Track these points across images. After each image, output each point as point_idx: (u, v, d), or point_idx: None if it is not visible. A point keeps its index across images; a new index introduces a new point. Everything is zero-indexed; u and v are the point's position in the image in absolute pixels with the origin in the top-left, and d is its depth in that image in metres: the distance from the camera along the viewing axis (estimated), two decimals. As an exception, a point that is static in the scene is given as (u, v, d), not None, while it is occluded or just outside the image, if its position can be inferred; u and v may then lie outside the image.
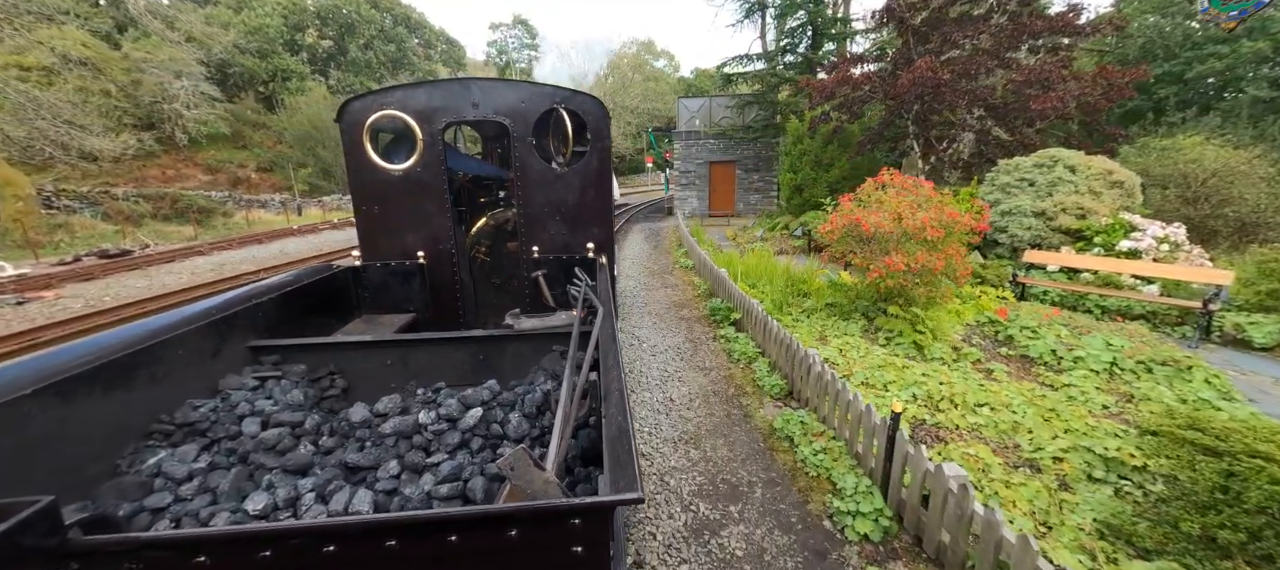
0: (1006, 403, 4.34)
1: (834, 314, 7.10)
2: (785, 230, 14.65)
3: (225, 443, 2.04)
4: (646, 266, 12.46)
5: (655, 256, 13.77)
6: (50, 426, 1.71)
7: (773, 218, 16.37)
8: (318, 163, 33.37)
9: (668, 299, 9.35)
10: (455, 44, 56.89)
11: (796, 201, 14.82)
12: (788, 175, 15.02)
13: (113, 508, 1.63)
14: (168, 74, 32.62)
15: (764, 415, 4.85)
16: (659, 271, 11.84)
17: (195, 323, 2.42)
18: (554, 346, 2.87)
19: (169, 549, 1.10)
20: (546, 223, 4.29)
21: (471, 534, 1.12)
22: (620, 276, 10.94)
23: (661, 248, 15.17)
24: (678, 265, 12.25)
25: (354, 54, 45.26)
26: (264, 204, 27.58)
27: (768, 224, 15.82)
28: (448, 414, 2.16)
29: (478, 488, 1.74)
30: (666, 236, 17.55)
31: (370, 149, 3.97)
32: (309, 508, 1.68)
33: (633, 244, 16.23)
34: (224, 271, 13.01)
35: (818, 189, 14.33)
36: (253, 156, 36.98)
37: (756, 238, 14.85)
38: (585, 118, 4.28)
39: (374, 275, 4.13)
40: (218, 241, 17.17)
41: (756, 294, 7.87)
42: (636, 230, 19.81)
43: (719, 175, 23.20)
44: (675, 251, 14.10)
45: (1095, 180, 8.68)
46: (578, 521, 1.13)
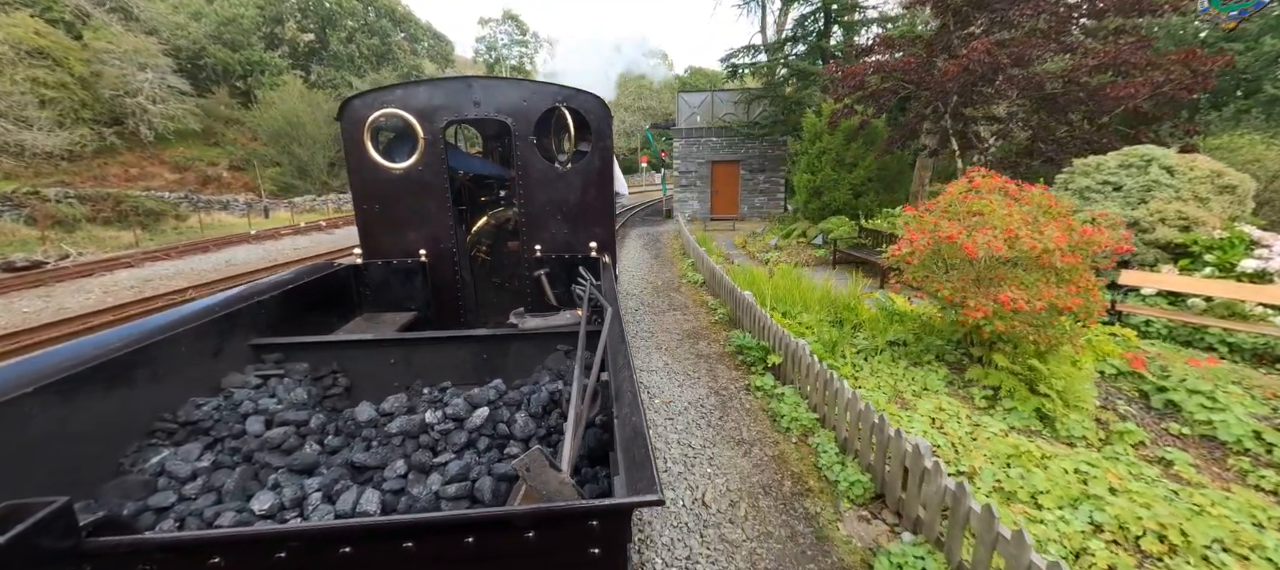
0: (1256, 542, 2.71)
1: (899, 356, 5.48)
2: (803, 238, 13.05)
3: (229, 441, 2.01)
4: (649, 280, 10.81)
5: (657, 268, 12.12)
6: (52, 426, 1.69)
7: (786, 224, 14.77)
8: (292, 161, 31.42)
9: (678, 326, 7.69)
10: (443, 39, 54.95)
11: (815, 205, 13.22)
12: (805, 176, 13.42)
13: (117, 507, 1.60)
14: (131, 66, 30.56)
15: (848, 538, 3.21)
16: (664, 287, 10.18)
17: (197, 321, 2.38)
18: (558, 346, 2.82)
19: (181, 551, 1.08)
20: (548, 222, 4.21)
21: (488, 536, 1.10)
22: (620, 293, 9.32)
23: (663, 257, 13.53)
24: (685, 280, 10.60)
25: (335, 47, 43.25)
26: (226, 206, 25.58)
27: (782, 230, 14.21)
28: (454, 413, 2.11)
29: (485, 487, 1.71)
30: (667, 243, 15.90)
31: (371, 147, 3.91)
32: (315, 507, 1.65)
33: (630, 252, 14.57)
34: (146, 290, 11.17)
35: (840, 191, 12.74)
36: (225, 154, 34.93)
37: (770, 247, 13.24)
38: (587, 116, 4.18)
39: (375, 273, 4.09)
40: (156, 251, 15.20)
41: (794, 327, 6.23)
42: (634, 237, 18.14)
43: (722, 176, 21.59)
44: (680, 262, 12.46)
45: (1201, 184, 7.13)
46: (596, 523, 1.10)
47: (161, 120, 31.68)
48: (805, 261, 11.78)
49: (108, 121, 30.60)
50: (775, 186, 21.31)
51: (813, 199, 13.29)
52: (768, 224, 16.83)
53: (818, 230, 12.81)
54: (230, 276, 12.07)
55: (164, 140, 32.86)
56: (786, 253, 12.44)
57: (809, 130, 13.77)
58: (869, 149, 12.75)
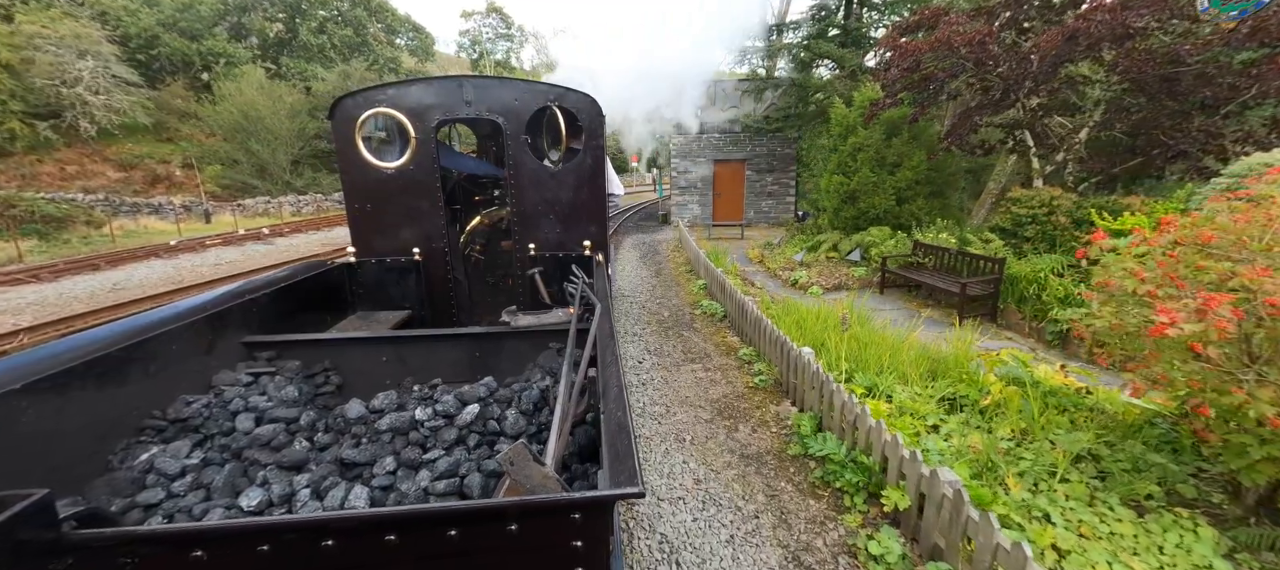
0: None
1: (1103, 486, 3.21)
2: (834, 253, 10.79)
3: (218, 439, 2.01)
4: (652, 310, 8.47)
5: (660, 290, 9.79)
6: (41, 422, 1.67)
7: (808, 234, 12.50)
8: (250, 158, 28.62)
9: (702, 392, 5.37)
10: (423, 31, 52.18)
11: (849, 213, 10.98)
12: (835, 179, 11.17)
13: (105, 503, 1.60)
14: (69, 53, 27.57)
15: None
16: (672, 321, 7.85)
17: (188, 318, 2.36)
18: (551, 344, 2.82)
19: (166, 543, 1.07)
20: (541, 221, 4.22)
21: (471, 528, 1.10)
22: (621, 333, 7.02)
23: (666, 275, 11.20)
24: (699, 311, 8.27)
25: (304, 38, 40.37)
26: (157, 209, 22.72)
27: (805, 242, 11.96)
28: (444, 410, 2.12)
29: (475, 484, 1.72)
30: (668, 256, 13.57)
31: (362, 146, 3.91)
32: (304, 504, 1.65)
33: (626, 266, 12.23)
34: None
35: (880, 197, 10.50)
36: (178, 151, 32.00)
37: (795, 263, 10.97)
38: (579, 115, 4.19)
39: (369, 272, 4.08)
40: (32, 268, 12.38)
41: (903, 424, 3.93)
42: (629, 247, 15.79)
43: (726, 177, 19.34)
44: (688, 283, 10.13)
45: None
46: (578, 516, 1.11)
47: (104, 113, 28.72)
48: (841, 282, 9.52)
49: (43, 114, 27.61)
50: (785, 189, 19.09)
51: (846, 205, 11.04)
52: (785, 233, 14.57)
53: (854, 244, 10.56)
54: (100, 309, 9.29)
55: (108, 135, 29.87)
56: (817, 271, 10.18)
57: (838, 124, 11.53)
58: (914, 146, 10.53)
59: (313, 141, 31.23)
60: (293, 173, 29.87)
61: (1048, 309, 6.50)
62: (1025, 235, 7.83)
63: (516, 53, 64.01)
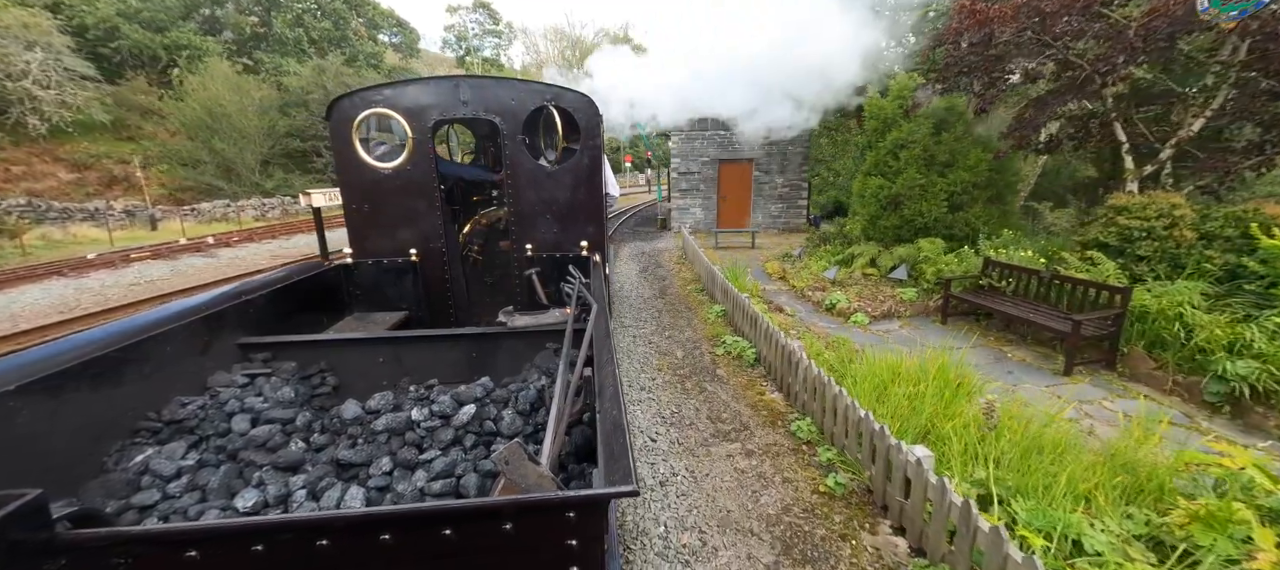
0: None
1: None
2: (873, 270, 9.07)
3: (214, 440, 2.00)
4: (661, 349, 6.69)
5: (668, 316, 8.01)
6: (35, 423, 1.66)
7: (838, 246, 10.78)
8: (214, 158, 26.50)
9: (753, 504, 3.58)
10: (407, 26, 50.11)
11: (890, 221, 9.26)
12: (873, 181, 9.45)
13: (100, 504, 1.59)
14: (15, 44, 25.33)
15: None
16: (690, 369, 6.07)
17: (183, 320, 2.35)
18: (548, 344, 2.80)
19: (159, 543, 1.06)
20: (538, 221, 4.18)
21: (466, 527, 1.09)
22: (630, 398, 5.39)
23: (672, 295, 9.42)
24: (722, 350, 6.49)
25: (279, 30, 38.21)
26: (93, 214, 20.55)
27: (834, 255, 10.24)
28: (441, 411, 2.11)
29: (471, 484, 1.71)
30: (672, 269, 11.80)
31: (359, 147, 3.88)
32: (300, 505, 1.65)
33: (625, 281, 10.45)
34: None
35: (930, 202, 8.78)
36: (139, 150, 29.76)
37: (826, 280, 9.23)
38: (576, 115, 4.12)
39: (365, 273, 4.03)
40: None
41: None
42: (626, 255, 14.01)
43: (730, 178, 17.60)
44: (703, 308, 8.36)
45: None
46: (572, 514, 1.10)
47: (55, 109, 26.51)
48: (890, 308, 7.79)
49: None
50: (796, 191, 17.39)
51: (885, 212, 9.31)
52: (804, 242, 12.83)
53: (897, 259, 8.84)
54: None
55: (62, 133, 27.66)
56: (855, 292, 8.46)
57: (873, 116, 9.81)
58: (968, 142, 8.83)
59: (284, 140, 29.13)
60: (262, 173, 27.77)
61: (1204, 358, 4.79)
62: (1138, 253, 6.14)
63: (504, 49, 62.00)
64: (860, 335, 7.03)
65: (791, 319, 7.71)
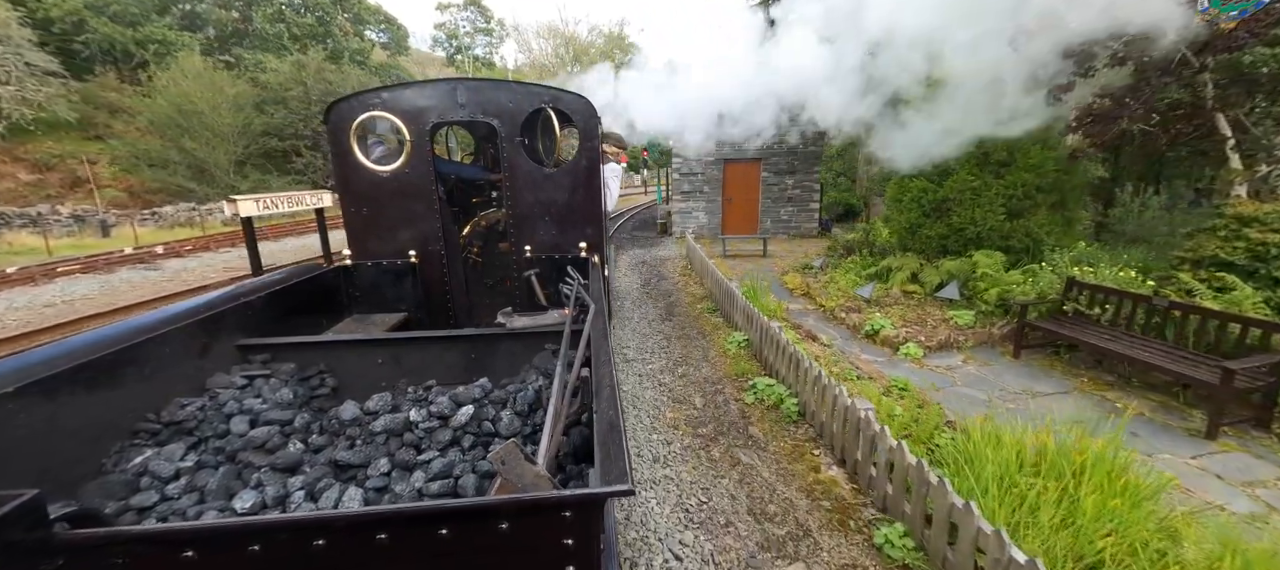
0: None
1: None
2: (915, 287, 7.77)
3: (213, 441, 2.01)
4: (675, 393, 5.36)
5: (679, 344, 6.69)
6: (33, 425, 1.66)
7: (866, 256, 9.49)
8: (185, 158, 24.94)
9: None
10: (394, 23, 48.59)
11: (935, 230, 7.97)
12: (915, 184, 8.16)
13: (98, 506, 1.59)
14: (-31, 36, 23.69)
15: None
16: (714, 427, 4.73)
17: (182, 321, 2.36)
18: (546, 345, 2.79)
19: (157, 543, 1.06)
20: (537, 223, 4.18)
21: (462, 527, 1.08)
22: (638, 456, 4.00)
23: (681, 314, 8.08)
24: (752, 397, 5.14)
25: (260, 25, 36.63)
26: (35, 220, 18.90)
27: (864, 268, 8.94)
28: (439, 412, 2.11)
29: (469, 485, 1.71)
30: (678, 282, 10.47)
31: (357, 150, 3.91)
32: (298, 505, 1.66)
33: (626, 300, 9.11)
34: None
35: (985, 209, 7.49)
36: (107, 150, 28.13)
37: (861, 299, 7.92)
38: (573, 117, 4.16)
39: (365, 274, 4.04)
40: None
41: None
42: (625, 265, 12.67)
43: (737, 179, 16.31)
44: (719, 336, 7.03)
45: None
46: (568, 514, 1.09)
47: (14, 107, 24.86)
48: (947, 338, 6.49)
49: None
50: (808, 193, 16.12)
51: (929, 219, 8.02)
52: (824, 251, 11.52)
53: (945, 274, 7.55)
54: None
55: (23, 131, 25.99)
56: (897, 315, 7.17)
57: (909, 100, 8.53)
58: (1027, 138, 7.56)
59: (261, 139, 27.57)
60: (237, 174, 26.20)
61: None
62: (1275, 275, 4.88)
63: (496, 48, 60.53)
64: (917, 373, 5.73)
65: (828, 349, 6.40)
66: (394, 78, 42.54)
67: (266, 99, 28.23)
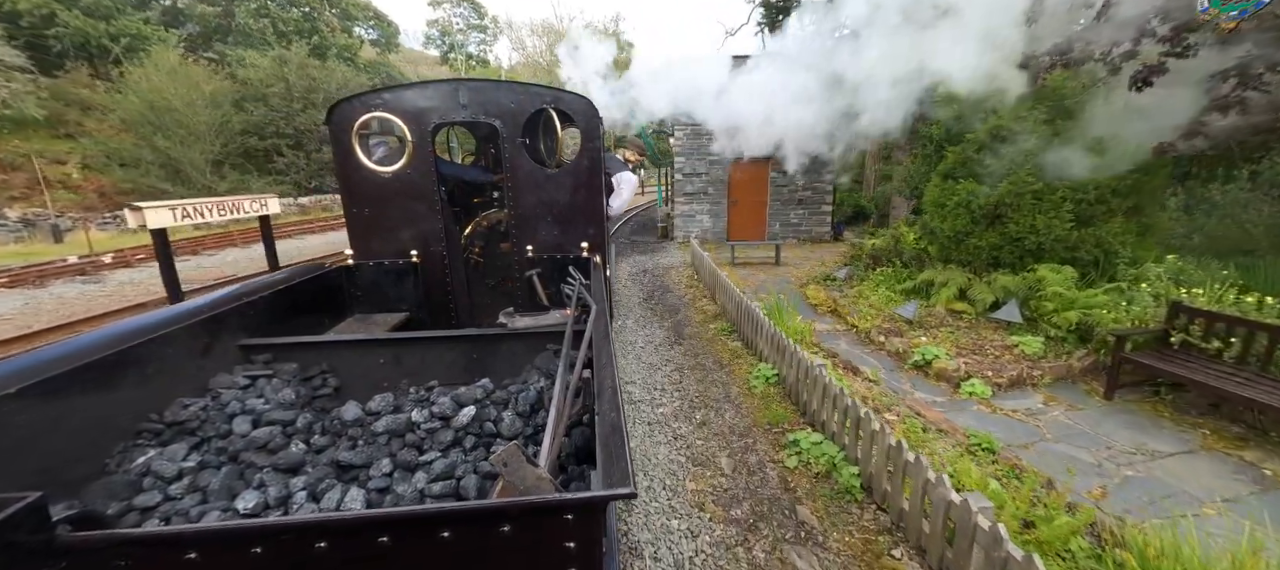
0: None
1: None
2: (964, 306, 6.70)
3: (215, 441, 1.98)
4: (695, 450, 4.25)
5: (694, 377, 5.57)
6: (36, 426, 1.64)
7: (899, 268, 8.41)
8: (158, 157, 23.64)
9: None
10: (384, 19, 47.31)
11: (986, 240, 6.89)
12: (963, 186, 7.08)
13: (101, 506, 1.58)
14: (-73, 28, 22.32)
15: None
16: (749, 506, 3.60)
17: (185, 321, 2.33)
18: (548, 345, 2.76)
19: (159, 545, 1.06)
20: (539, 223, 4.17)
21: (464, 530, 1.08)
22: None
23: (691, 334, 6.97)
24: (800, 464, 4.02)
25: (243, 21, 35.28)
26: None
27: (897, 281, 7.87)
28: (441, 412, 2.08)
29: (471, 486, 1.69)
30: (683, 294, 9.36)
31: (359, 150, 3.90)
32: (300, 506, 1.63)
33: (628, 318, 7.99)
34: None
35: (1049, 215, 6.42)
36: (78, 148, 26.76)
37: (903, 319, 6.84)
38: (575, 117, 4.11)
39: (366, 274, 4.03)
40: None
41: None
42: (625, 274, 11.54)
43: (744, 180, 15.22)
44: (738, 365, 5.91)
45: None
46: (571, 517, 1.08)
47: (-25, 103, 23.48)
48: (1020, 373, 5.40)
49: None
50: (820, 195, 15.06)
51: (979, 227, 6.95)
52: (846, 261, 10.45)
53: (1001, 291, 6.47)
54: None
55: (-14, 130, 24.61)
56: (950, 341, 6.09)
57: (953, 99, 7.46)
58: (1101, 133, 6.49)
59: (240, 137, 26.28)
60: (214, 174, 24.91)
61: None
62: None
63: (490, 45, 59.28)
64: (991, 421, 4.65)
65: (875, 385, 5.31)
66: (383, 75, 41.26)
67: (246, 96, 26.94)
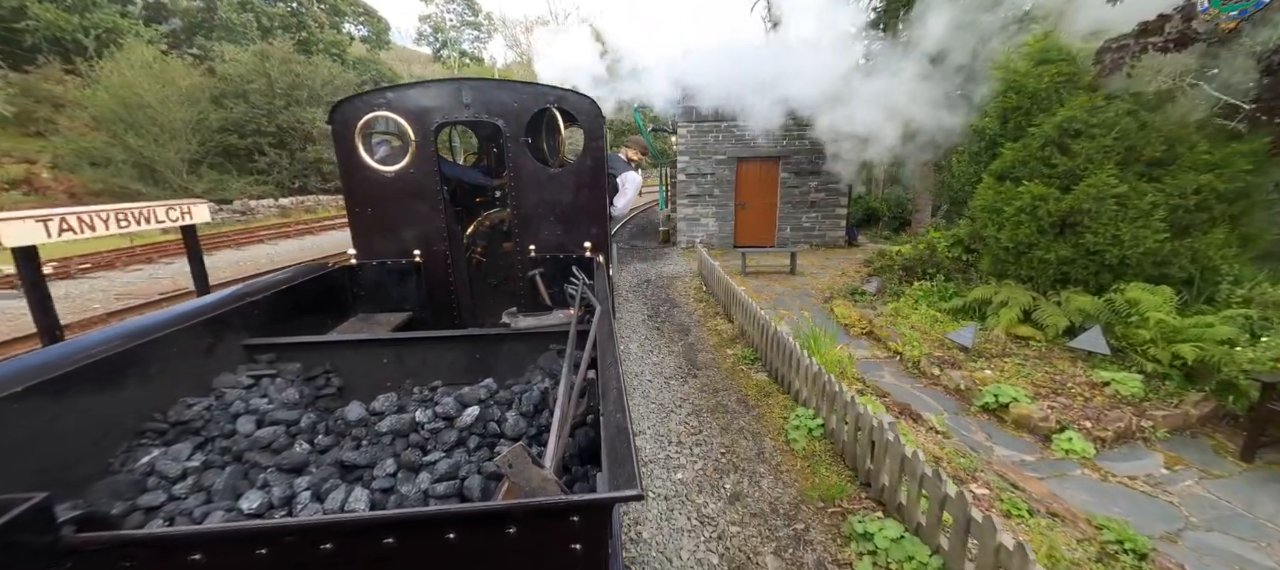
0: None
1: None
2: (1031, 331, 5.65)
3: (219, 441, 1.95)
4: (728, 541, 3.18)
5: (714, 429, 4.52)
6: (40, 426, 1.63)
7: (941, 281, 7.37)
8: (130, 155, 22.40)
9: None
10: (374, 14, 46.08)
11: (1057, 252, 5.85)
12: (1031, 188, 6.03)
13: (105, 506, 1.57)
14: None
15: None
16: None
17: (188, 321, 2.32)
18: (551, 345, 2.73)
19: (164, 546, 1.06)
20: (541, 223, 4.13)
21: (469, 531, 1.06)
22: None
23: (705, 368, 5.91)
24: (875, 566, 2.98)
25: (225, 15, 34.00)
26: None
27: (942, 297, 6.84)
28: (444, 412, 2.03)
29: (475, 486, 1.65)
30: (692, 311, 8.29)
31: (362, 150, 3.88)
32: (304, 506, 1.59)
33: (631, 342, 6.93)
34: None
35: (1134, 224, 5.38)
36: (49, 147, 25.48)
37: (958, 346, 5.79)
38: (578, 117, 4.06)
39: (369, 274, 4.02)
40: None
41: None
42: (626, 285, 10.45)
43: (752, 180, 14.16)
44: (770, 405, 4.85)
45: None
46: (577, 518, 1.07)
47: (-64, 99, 22.22)
48: (1126, 426, 4.36)
49: None
50: (834, 197, 14.01)
51: (1047, 238, 5.91)
52: (872, 271, 9.40)
53: (1077, 314, 5.44)
54: None
55: (-51, 128, 23.35)
56: (1017, 372, 5.05)
57: (1013, 86, 6.42)
58: (1191, 127, 5.46)
59: (219, 135, 25.05)
60: (191, 175, 23.67)
61: None
62: None
63: (484, 43, 58.08)
64: (1106, 493, 3.60)
65: (945, 439, 4.26)
66: (373, 73, 40.06)
67: (225, 92, 25.69)
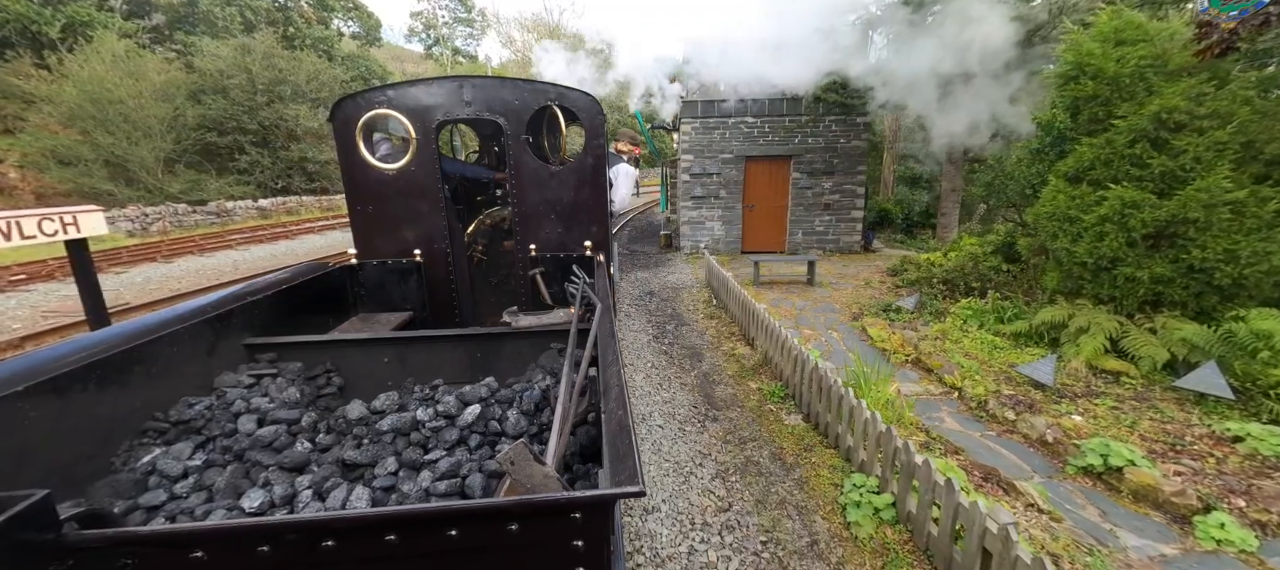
0: None
1: None
2: (1124, 368, 4.66)
3: (221, 440, 1.97)
4: None
5: (747, 503, 3.50)
6: (43, 425, 1.65)
7: (995, 299, 6.40)
8: (100, 153, 21.22)
9: None
10: (363, 9, 44.85)
11: (1150, 270, 4.86)
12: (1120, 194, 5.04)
13: (107, 505, 1.60)
14: None
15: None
16: None
17: (190, 320, 2.34)
18: (552, 344, 2.77)
19: (166, 544, 1.05)
20: (542, 221, 4.12)
21: (471, 528, 1.08)
22: None
23: (724, 407, 4.91)
24: None
25: (207, 7, 32.72)
26: None
27: (995, 318, 5.86)
28: (445, 411, 2.07)
29: (476, 484, 1.68)
30: (703, 330, 7.28)
31: (363, 148, 3.88)
32: (306, 505, 1.61)
33: (635, 372, 5.93)
34: None
35: (1259, 236, 4.40)
36: (18, 146, 24.26)
37: (1033, 383, 4.80)
38: (579, 115, 4.08)
39: (370, 273, 4.01)
40: None
41: None
42: (627, 297, 9.43)
43: (761, 180, 13.17)
44: (811, 464, 3.84)
45: None
46: (578, 515, 1.08)
47: (-106, 94, 20.99)
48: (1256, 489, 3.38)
49: None
50: (850, 199, 13.02)
51: (1136, 253, 4.92)
52: (918, 290, 8.43)
53: (1182, 345, 4.46)
54: None
55: (-90, 125, 22.09)
56: (1113, 416, 4.07)
57: (1082, 69, 5.45)
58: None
59: (196, 133, 23.88)
60: (166, 174, 22.51)
61: None
62: None
63: (478, 40, 56.86)
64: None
65: (1055, 523, 3.27)
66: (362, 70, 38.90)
67: (204, 87, 24.50)
